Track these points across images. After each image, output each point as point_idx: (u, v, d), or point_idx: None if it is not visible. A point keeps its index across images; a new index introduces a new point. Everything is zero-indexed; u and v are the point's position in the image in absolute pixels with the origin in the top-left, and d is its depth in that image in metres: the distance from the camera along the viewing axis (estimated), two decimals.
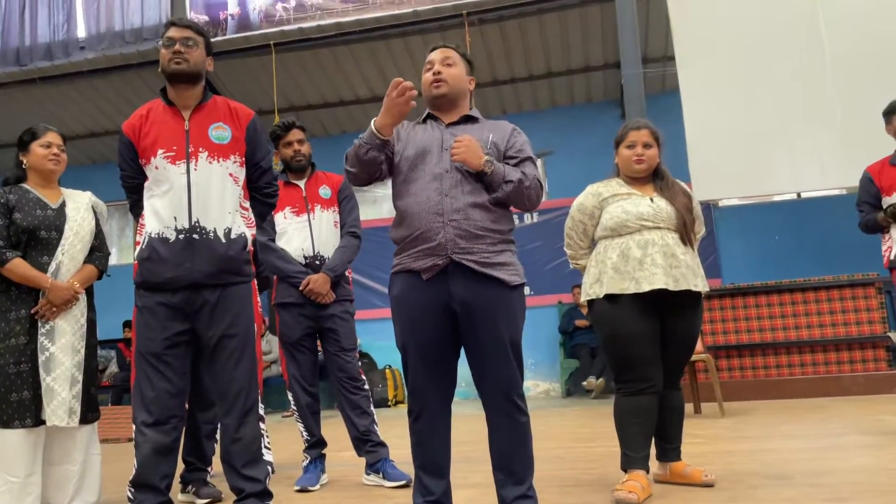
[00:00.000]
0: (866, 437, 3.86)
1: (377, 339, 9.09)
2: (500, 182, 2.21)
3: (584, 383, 7.68)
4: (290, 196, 3.50)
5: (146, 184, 2.45)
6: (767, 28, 6.63)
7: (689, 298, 2.81)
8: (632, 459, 2.78)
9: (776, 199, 8.94)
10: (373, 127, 2.20)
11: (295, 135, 3.53)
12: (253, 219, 2.59)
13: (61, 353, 2.86)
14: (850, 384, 6.12)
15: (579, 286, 9.13)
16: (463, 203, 2.18)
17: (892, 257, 4.31)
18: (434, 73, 2.35)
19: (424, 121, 2.40)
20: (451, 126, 2.34)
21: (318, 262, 3.42)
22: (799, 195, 8.74)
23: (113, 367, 8.90)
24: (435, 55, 2.38)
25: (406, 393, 2.27)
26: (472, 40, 7.87)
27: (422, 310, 2.20)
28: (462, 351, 2.28)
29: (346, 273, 3.52)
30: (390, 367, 8.88)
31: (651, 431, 2.84)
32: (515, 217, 9.01)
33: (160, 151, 2.39)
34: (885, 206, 4.00)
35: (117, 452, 4.23)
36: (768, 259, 8.63)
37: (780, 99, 6.46)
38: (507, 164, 2.27)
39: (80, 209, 3.04)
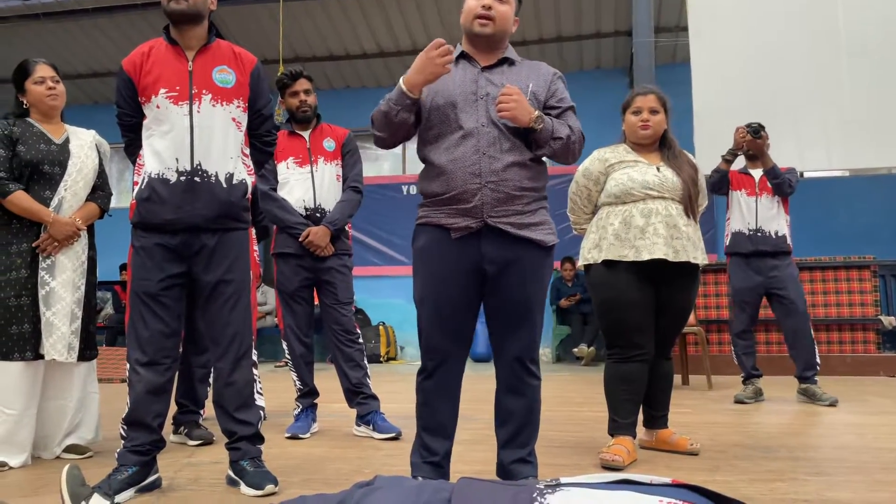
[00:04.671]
0: (851, 416, 3.92)
1: (372, 296, 9.14)
2: (549, 139, 2.05)
3: (575, 350, 7.75)
4: (293, 147, 3.47)
5: (145, 122, 2.40)
6: (784, 6, 6.54)
7: (687, 270, 2.82)
8: (619, 425, 2.82)
9: None
10: (402, 86, 2.02)
11: (302, 84, 3.49)
12: (252, 166, 2.57)
13: (62, 288, 2.87)
14: (838, 364, 6.19)
15: (569, 259, 9.06)
16: (502, 164, 2.03)
17: (728, 243, 4.67)
18: (484, 8, 2.09)
19: (456, 61, 2.15)
20: (486, 70, 2.13)
21: (318, 215, 3.42)
22: (801, 174, 8.72)
23: (109, 309, 8.95)
24: None
25: (420, 350, 2.20)
26: None
27: (448, 266, 2.08)
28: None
29: (346, 227, 3.52)
30: (384, 323, 8.95)
31: (640, 399, 2.88)
32: None
33: (162, 91, 2.34)
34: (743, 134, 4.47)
35: (111, 392, 4.28)
36: None
37: (790, 78, 6.40)
38: (549, 113, 2.10)
39: (83, 146, 3.02)
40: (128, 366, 2.39)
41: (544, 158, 2.17)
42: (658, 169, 2.84)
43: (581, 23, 8.92)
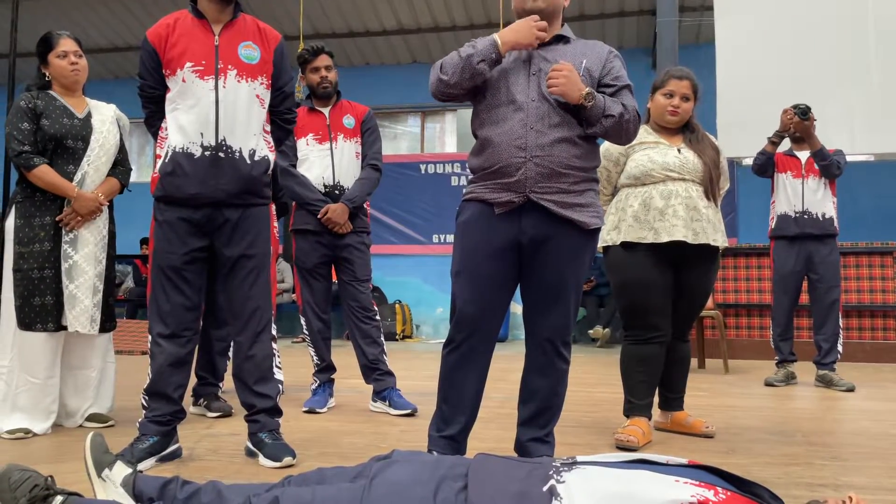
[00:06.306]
0: (869, 403, 3.90)
1: (388, 274, 9.17)
2: (600, 116, 2.04)
3: (591, 332, 7.75)
4: (313, 123, 3.47)
5: (168, 95, 2.40)
6: None
7: (707, 253, 2.80)
8: (635, 406, 2.82)
9: None
10: (497, 39, 2.04)
11: (323, 60, 3.48)
12: (272, 143, 2.58)
13: (84, 261, 2.91)
14: (856, 350, 6.14)
15: None
16: (549, 139, 2.02)
17: (773, 226, 4.62)
18: None
19: None
20: (540, 48, 2.13)
21: (337, 192, 3.43)
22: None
23: (129, 283, 9.05)
24: None
25: (450, 322, 2.17)
26: None
27: (486, 241, 2.08)
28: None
29: (365, 205, 3.53)
30: (400, 302, 8.99)
31: (656, 380, 2.88)
32: None
33: (188, 64, 2.34)
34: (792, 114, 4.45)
35: (132, 364, 4.35)
36: None
37: (817, 61, 6.28)
38: (603, 92, 2.09)
39: (105, 121, 3.03)
40: (149, 338, 2.42)
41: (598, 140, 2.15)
42: (679, 150, 2.81)
43: (604, 1, 8.81)
